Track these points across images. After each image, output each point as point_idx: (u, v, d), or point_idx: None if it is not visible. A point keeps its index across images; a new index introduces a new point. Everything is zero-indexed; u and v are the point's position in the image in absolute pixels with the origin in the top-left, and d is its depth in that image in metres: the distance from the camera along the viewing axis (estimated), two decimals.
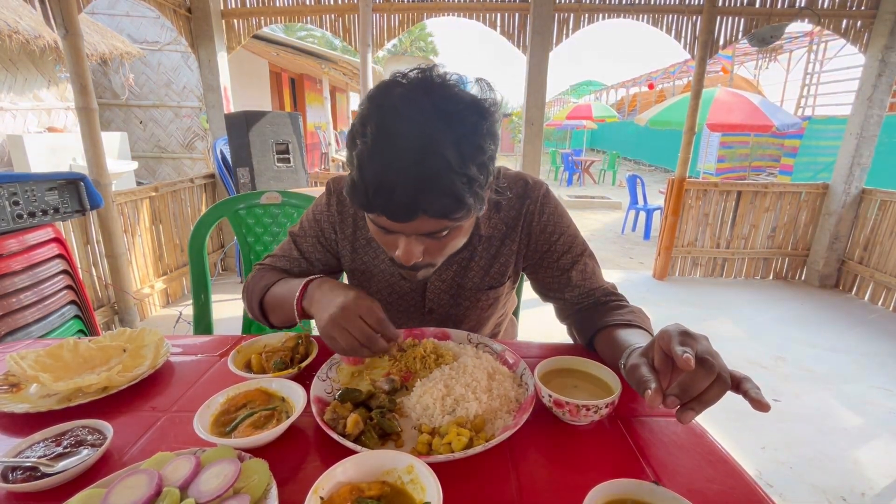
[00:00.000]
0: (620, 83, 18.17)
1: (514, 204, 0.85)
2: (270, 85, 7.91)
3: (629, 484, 0.45)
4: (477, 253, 0.86)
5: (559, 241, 0.85)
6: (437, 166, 0.58)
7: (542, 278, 0.88)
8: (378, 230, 0.69)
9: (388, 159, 0.58)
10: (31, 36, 3.82)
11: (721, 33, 3.28)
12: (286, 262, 0.92)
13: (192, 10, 3.29)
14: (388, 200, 0.59)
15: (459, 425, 0.57)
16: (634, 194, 5.45)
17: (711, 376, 0.49)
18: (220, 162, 3.46)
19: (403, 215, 0.61)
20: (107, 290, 2.64)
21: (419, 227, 0.64)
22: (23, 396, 0.67)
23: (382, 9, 3.30)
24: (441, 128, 0.58)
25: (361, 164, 0.60)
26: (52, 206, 1.72)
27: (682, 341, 0.51)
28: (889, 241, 3.25)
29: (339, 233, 0.89)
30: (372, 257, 0.89)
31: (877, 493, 1.61)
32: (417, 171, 0.58)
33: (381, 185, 0.59)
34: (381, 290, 0.91)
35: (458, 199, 0.60)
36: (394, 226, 0.64)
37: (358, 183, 0.60)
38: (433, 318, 0.91)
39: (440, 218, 0.62)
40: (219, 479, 0.46)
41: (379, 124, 0.59)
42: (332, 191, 0.89)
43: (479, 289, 0.88)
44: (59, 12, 2.19)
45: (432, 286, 0.88)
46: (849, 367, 2.45)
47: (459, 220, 0.64)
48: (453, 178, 0.59)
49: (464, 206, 0.61)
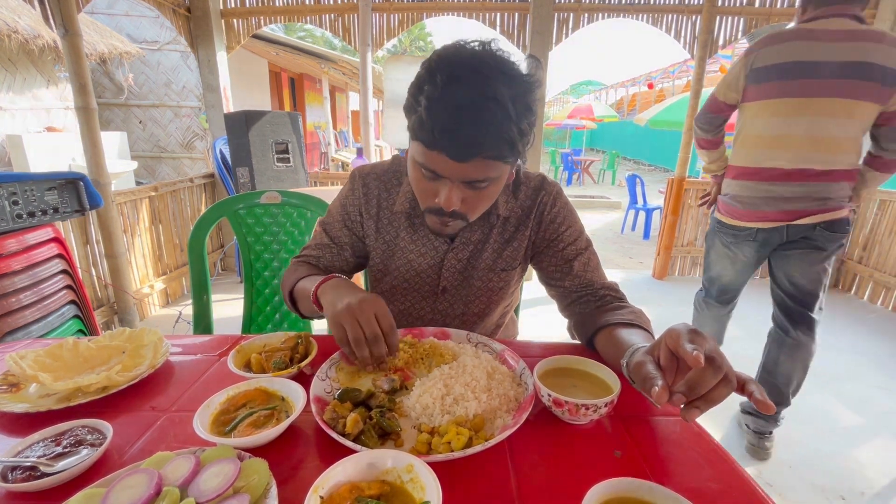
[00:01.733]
0: (620, 83, 18.17)
1: (531, 194, 0.93)
2: (270, 85, 7.91)
3: (629, 483, 0.45)
4: (492, 235, 0.92)
5: (566, 232, 0.91)
6: (499, 114, 0.66)
7: (546, 266, 0.93)
8: (423, 177, 0.75)
9: (456, 102, 0.66)
10: (31, 35, 3.82)
11: (721, 33, 3.28)
12: (318, 251, 0.98)
13: (192, 10, 3.29)
14: (452, 139, 0.67)
15: (459, 424, 0.57)
16: (634, 194, 5.45)
17: (719, 375, 0.49)
18: (219, 162, 3.45)
19: (463, 154, 0.68)
20: (106, 289, 2.64)
21: (469, 171, 0.71)
22: (22, 396, 0.67)
23: (382, 8, 3.30)
24: (502, 84, 0.66)
25: (430, 104, 0.67)
26: (51, 205, 1.72)
27: (692, 339, 0.51)
28: (888, 241, 3.26)
29: (364, 213, 0.95)
30: (394, 235, 0.94)
31: (876, 491, 1.61)
32: (481, 115, 0.66)
33: (448, 123, 0.66)
34: (400, 266, 0.94)
35: (512, 145, 0.69)
36: (447, 168, 0.71)
37: (426, 121, 0.68)
38: (446, 297, 0.95)
39: (494, 159, 0.70)
40: (219, 479, 0.46)
41: (449, 74, 0.67)
42: (358, 176, 0.96)
43: (491, 269, 0.93)
44: (59, 11, 2.19)
45: (448, 264, 0.92)
46: (848, 366, 2.46)
47: (505, 166, 0.73)
48: (510, 126, 0.68)
49: (515, 152, 0.71)
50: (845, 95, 1.46)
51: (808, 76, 1.48)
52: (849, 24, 1.46)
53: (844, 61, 1.44)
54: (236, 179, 3.20)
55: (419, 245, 0.93)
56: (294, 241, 1.42)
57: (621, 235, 5.66)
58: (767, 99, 1.57)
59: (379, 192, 0.94)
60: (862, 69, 1.43)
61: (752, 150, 1.63)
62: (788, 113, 1.54)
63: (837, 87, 1.46)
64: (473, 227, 0.91)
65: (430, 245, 0.92)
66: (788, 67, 1.50)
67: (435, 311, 0.97)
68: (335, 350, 0.76)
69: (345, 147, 10.21)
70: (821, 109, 1.49)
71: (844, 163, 1.53)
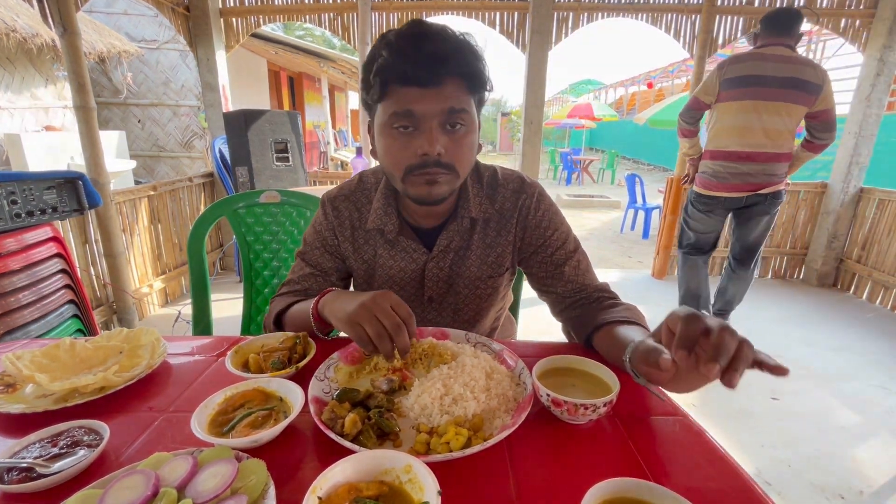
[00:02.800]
0: (619, 82, 18.18)
1: (510, 197, 0.90)
2: (269, 84, 7.90)
3: (628, 483, 0.44)
4: (473, 241, 0.90)
5: (553, 237, 0.89)
6: (455, 37, 0.71)
7: (537, 273, 0.91)
8: (400, 134, 0.75)
9: (416, 35, 0.70)
10: (29, 34, 3.81)
11: (720, 32, 3.28)
12: (304, 282, 0.95)
13: (191, 9, 3.29)
14: (420, 60, 0.69)
15: (458, 425, 0.57)
16: (633, 193, 5.45)
17: (737, 338, 0.47)
18: (218, 161, 3.45)
19: (434, 73, 0.70)
20: (105, 289, 2.63)
21: (444, 98, 0.72)
22: (19, 397, 0.66)
23: (381, 7, 3.29)
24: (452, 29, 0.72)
25: (392, 44, 0.71)
26: (50, 205, 1.72)
27: (692, 316, 0.50)
28: (887, 240, 3.26)
29: (339, 236, 0.94)
30: (371, 254, 0.93)
31: (875, 490, 1.61)
32: (442, 36, 0.70)
33: (412, 50, 0.69)
34: (383, 283, 0.93)
35: (475, 60, 0.73)
36: (422, 102, 0.71)
37: (389, 59, 0.71)
38: (433, 307, 0.94)
39: (464, 77, 0.72)
40: (216, 480, 0.46)
41: (399, 29, 0.72)
42: (327, 202, 0.95)
43: (477, 277, 0.91)
44: (57, 10, 2.19)
45: (430, 273, 0.90)
46: (847, 365, 2.46)
47: (471, 101, 0.75)
48: (468, 47, 0.72)
49: (477, 77, 0.74)
50: (784, 100, 2.16)
51: (760, 86, 2.17)
52: (786, 52, 2.17)
53: (784, 76, 2.14)
54: (235, 179, 3.20)
55: (398, 260, 0.91)
56: (293, 241, 1.42)
57: (620, 235, 5.67)
58: (733, 101, 2.24)
59: (350, 214, 0.93)
60: (795, 82, 2.14)
61: (722, 138, 2.30)
62: (747, 111, 2.21)
63: (780, 94, 2.15)
64: (450, 234, 0.88)
65: (409, 257, 0.90)
66: (748, 79, 2.18)
67: (425, 320, 0.95)
68: (333, 350, 0.76)
69: (344, 146, 10.20)
70: (769, 109, 2.18)
71: (784, 147, 2.23)
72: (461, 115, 0.74)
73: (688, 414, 0.64)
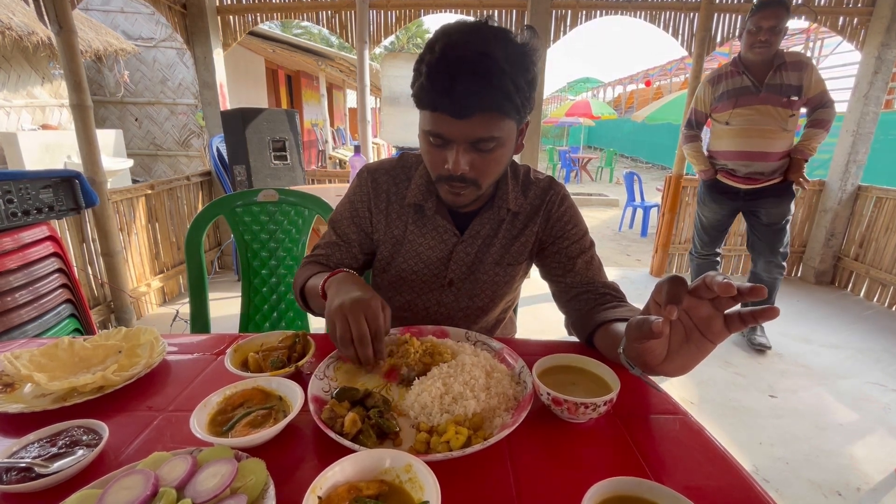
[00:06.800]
0: (618, 80, 18.19)
1: (540, 193, 0.96)
2: (267, 82, 7.87)
3: (628, 482, 0.45)
4: (501, 230, 0.94)
5: (572, 231, 0.94)
6: (493, 68, 0.70)
7: (550, 262, 0.95)
8: (432, 144, 0.79)
9: (453, 62, 0.70)
10: (25, 32, 3.79)
11: (718, 30, 3.28)
12: (327, 249, 0.99)
13: (187, 7, 3.27)
14: (450, 96, 0.71)
15: (457, 423, 0.57)
16: (631, 191, 5.45)
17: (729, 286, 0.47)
18: (216, 159, 3.44)
19: (462, 110, 0.72)
20: (103, 288, 2.62)
21: (471, 129, 0.74)
22: (17, 396, 0.66)
23: (379, 5, 3.28)
24: (497, 46, 0.71)
25: (430, 69, 0.72)
26: (46, 204, 1.71)
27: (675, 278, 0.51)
28: (885, 238, 3.27)
29: (373, 208, 0.97)
30: (402, 229, 0.96)
31: (872, 487, 1.62)
32: (476, 70, 0.70)
33: (446, 82, 0.71)
34: (409, 258, 0.96)
35: (509, 97, 0.72)
36: (451, 128, 0.74)
37: (425, 84, 0.73)
38: (452, 290, 0.96)
39: (493, 112, 0.73)
40: (216, 479, 0.46)
41: (447, 41, 0.72)
42: (367, 172, 0.98)
43: (498, 264, 0.95)
44: (53, 8, 2.17)
45: (457, 256, 0.94)
46: (845, 363, 2.47)
47: (507, 124, 0.76)
48: (505, 80, 0.71)
49: (514, 107, 0.74)
50: None
51: None
52: None
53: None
54: (233, 177, 3.19)
55: (428, 238, 0.94)
56: (291, 240, 1.41)
57: (619, 233, 5.67)
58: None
59: (388, 187, 0.96)
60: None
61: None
62: None
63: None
64: (483, 221, 0.93)
65: (440, 238, 0.93)
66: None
67: (440, 303, 0.97)
68: (333, 349, 0.76)
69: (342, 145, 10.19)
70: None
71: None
72: (490, 140, 0.76)
73: (687, 412, 0.64)
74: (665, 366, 0.56)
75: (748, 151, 2.34)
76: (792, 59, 2.27)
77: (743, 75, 2.32)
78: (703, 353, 0.54)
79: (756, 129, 2.31)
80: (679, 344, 0.54)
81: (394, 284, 0.98)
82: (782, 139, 2.31)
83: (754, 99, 2.30)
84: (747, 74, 2.31)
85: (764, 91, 2.27)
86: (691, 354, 0.54)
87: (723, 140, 2.44)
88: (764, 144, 2.31)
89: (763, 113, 2.29)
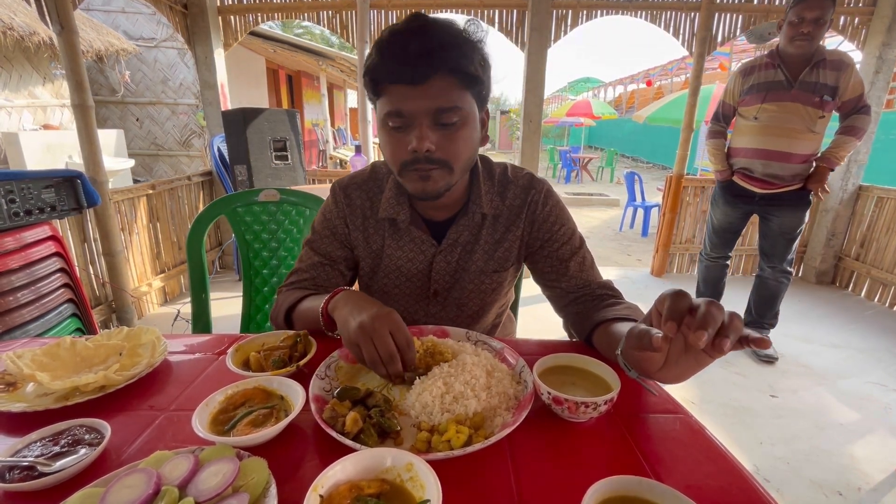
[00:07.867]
0: (618, 80, 18.16)
1: (520, 193, 0.91)
2: (267, 82, 7.87)
3: (628, 481, 0.45)
4: (482, 236, 0.90)
5: (560, 232, 0.90)
6: (442, 33, 0.70)
7: (542, 267, 0.92)
8: (393, 130, 0.76)
9: (402, 34, 0.70)
10: (26, 32, 3.80)
11: (719, 30, 3.28)
12: (311, 271, 0.94)
13: (188, 7, 3.27)
14: (405, 59, 0.69)
15: (458, 423, 0.57)
16: (632, 191, 5.45)
17: (724, 310, 0.47)
18: (217, 159, 3.44)
19: (418, 72, 0.69)
20: (104, 288, 2.63)
21: (431, 97, 0.71)
22: (19, 395, 0.66)
23: (380, 5, 3.28)
24: (441, 22, 0.71)
25: (380, 47, 0.71)
26: (48, 203, 1.72)
27: (678, 293, 0.51)
28: (885, 238, 3.27)
29: (350, 225, 0.93)
30: (380, 244, 0.93)
31: (872, 487, 1.62)
32: (426, 33, 0.69)
33: (397, 50, 0.69)
34: (390, 272, 0.93)
35: (462, 55, 0.70)
36: (410, 100, 0.71)
37: (377, 61, 0.72)
38: (438, 300, 0.94)
39: (451, 74, 0.71)
40: (217, 478, 0.46)
41: (394, 27, 0.71)
42: (339, 189, 0.95)
43: (483, 271, 0.92)
44: (54, 9, 2.18)
45: (438, 266, 0.91)
46: (845, 363, 2.47)
47: (466, 95, 0.74)
48: (456, 43, 0.70)
49: (467, 69, 0.71)
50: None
51: None
52: None
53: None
54: (234, 177, 3.19)
55: (406, 251, 0.91)
56: (292, 239, 1.42)
57: (619, 233, 5.67)
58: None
59: (362, 202, 0.93)
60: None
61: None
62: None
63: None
64: (460, 228, 0.89)
65: (418, 249, 0.91)
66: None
67: (428, 314, 0.95)
68: (334, 348, 0.76)
69: (343, 144, 10.19)
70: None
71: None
72: (452, 112, 0.73)
73: (688, 412, 0.64)
74: (662, 373, 0.57)
75: (769, 150, 2.20)
76: (833, 56, 2.09)
77: (778, 69, 2.15)
78: (700, 364, 0.54)
79: (781, 128, 2.16)
80: (678, 354, 0.54)
81: (379, 299, 0.94)
82: (808, 141, 2.15)
83: (784, 95, 2.13)
84: (782, 68, 2.14)
85: (796, 88, 2.11)
86: (689, 365, 0.54)
87: (744, 136, 2.29)
88: (787, 144, 2.16)
89: (791, 111, 2.13)
